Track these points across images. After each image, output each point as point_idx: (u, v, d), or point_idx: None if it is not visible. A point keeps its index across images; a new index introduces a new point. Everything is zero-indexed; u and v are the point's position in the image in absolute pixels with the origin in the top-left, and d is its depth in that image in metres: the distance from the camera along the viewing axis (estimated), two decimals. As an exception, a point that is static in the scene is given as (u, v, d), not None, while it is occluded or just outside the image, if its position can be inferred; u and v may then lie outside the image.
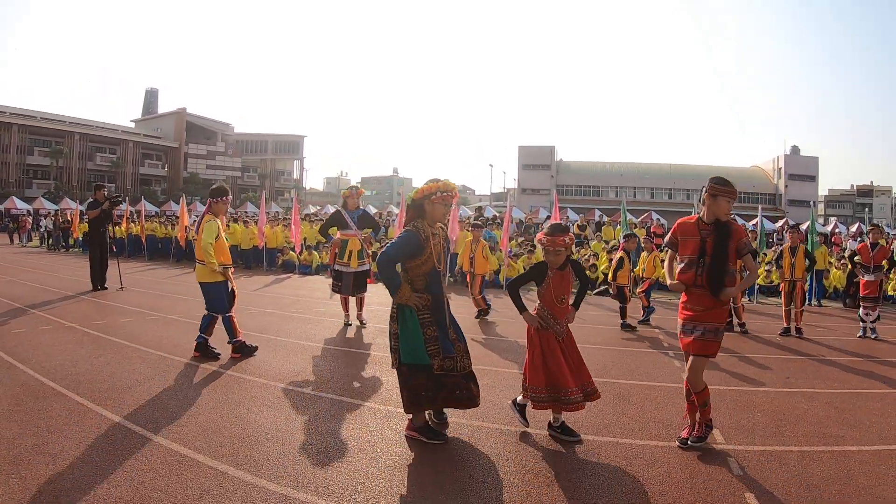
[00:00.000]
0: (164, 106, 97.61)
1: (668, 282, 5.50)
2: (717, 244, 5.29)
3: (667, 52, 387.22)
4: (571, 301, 5.76)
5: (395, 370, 5.47)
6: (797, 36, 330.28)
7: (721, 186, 5.31)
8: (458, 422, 5.80)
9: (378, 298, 12.74)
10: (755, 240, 18.99)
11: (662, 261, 17.99)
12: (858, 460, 5.29)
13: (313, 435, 5.37)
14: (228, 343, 8.12)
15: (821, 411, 6.63)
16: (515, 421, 5.87)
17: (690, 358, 5.39)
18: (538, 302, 5.66)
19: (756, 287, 18.07)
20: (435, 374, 5.27)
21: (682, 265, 5.41)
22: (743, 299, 12.19)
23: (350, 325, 10.81)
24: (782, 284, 11.91)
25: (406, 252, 5.27)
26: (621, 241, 13.21)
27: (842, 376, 8.38)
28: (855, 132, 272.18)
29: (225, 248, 8.22)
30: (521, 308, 5.62)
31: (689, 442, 5.43)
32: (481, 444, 5.37)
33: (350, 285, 10.57)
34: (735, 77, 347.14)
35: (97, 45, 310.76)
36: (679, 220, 5.59)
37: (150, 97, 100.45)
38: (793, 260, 11.71)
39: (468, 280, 12.75)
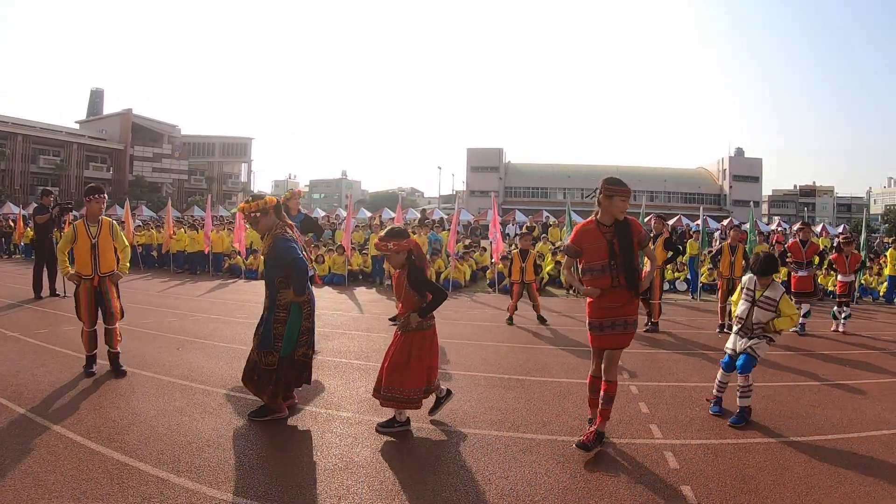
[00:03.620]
0: (109, 107, 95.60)
1: (582, 289, 5.50)
2: (624, 244, 5.42)
3: (613, 56, 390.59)
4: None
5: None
6: (741, 39, 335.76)
7: (615, 186, 5.45)
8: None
9: (322, 303, 12.73)
10: (697, 240, 19.44)
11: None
12: (794, 451, 5.52)
13: (254, 440, 5.43)
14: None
15: (757, 404, 6.81)
16: (450, 421, 6.09)
17: (608, 352, 5.50)
18: None
19: (699, 285, 18.48)
20: (290, 363, 5.98)
21: (594, 271, 5.43)
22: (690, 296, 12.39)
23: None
24: (720, 282, 12.15)
25: None
26: (518, 240, 13.42)
27: (778, 370, 8.66)
28: (798, 134, 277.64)
29: (80, 255, 7.63)
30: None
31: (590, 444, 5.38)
32: (421, 445, 5.49)
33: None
34: (680, 80, 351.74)
35: (40, 43, 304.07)
36: (577, 228, 5.59)
37: (95, 97, 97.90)
38: (732, 258, 11.97)
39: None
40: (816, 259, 12.42)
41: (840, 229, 44.17)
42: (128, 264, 7.82)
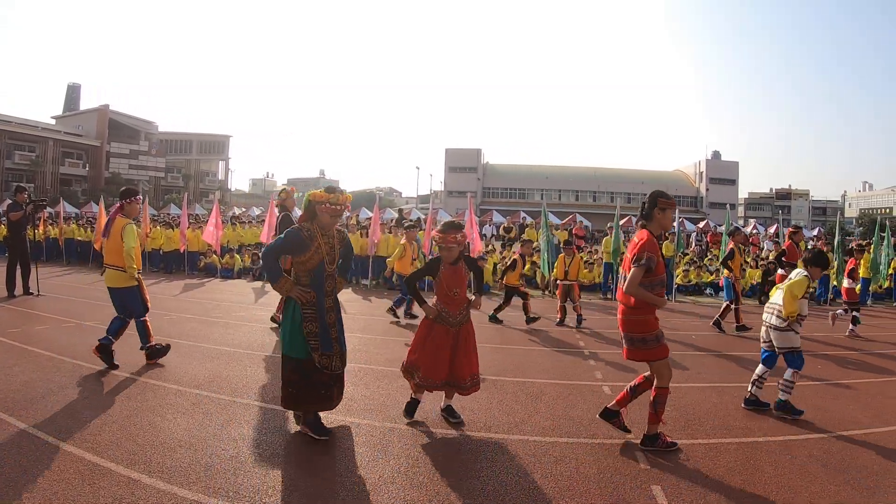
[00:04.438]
0: (86, 102, 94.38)
1: (661, 301, 5.42)
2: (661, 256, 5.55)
3: (593, 59, 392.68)
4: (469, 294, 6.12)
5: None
6: (721, 44, 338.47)
7: (670, 200, 5.55)
8: (371, 424, 5.95)
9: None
10: (673, 241, 19.59)
11: (589, 263, 18.51)
12: (765, 451, 5.61)
13: (226, 440, 5.41)
14: (141, 349, 8.02)
15: (730, 404, 6.99)
16: (422, 422, 6.09)
17: (662, 361, 5.54)
18: (434, 296, 6.01)
19: (674, 286, 18.62)
20: (305, 370, 5.46)
21: (662, 283, 5.47)
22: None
23: None
24: (737, 284, 12.22)
25: (286, 248, 5.54)
26: (518, 245, 13.51)
27: (752, 370, 8.70)
28: (775, 138, 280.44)
29: (139, 253, 8.25)
30: (421, 301, 6.04)
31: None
32: (392, 445, 5.50)
33: None
34: (659, 82, 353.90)
35: (17, 37, 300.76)
36: (649, 239, 5.43)
37: (72, 93, 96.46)
38: (742, 260, 12.09)
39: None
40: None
41: (815, 232, 44.69)
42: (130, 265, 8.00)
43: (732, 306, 12.17)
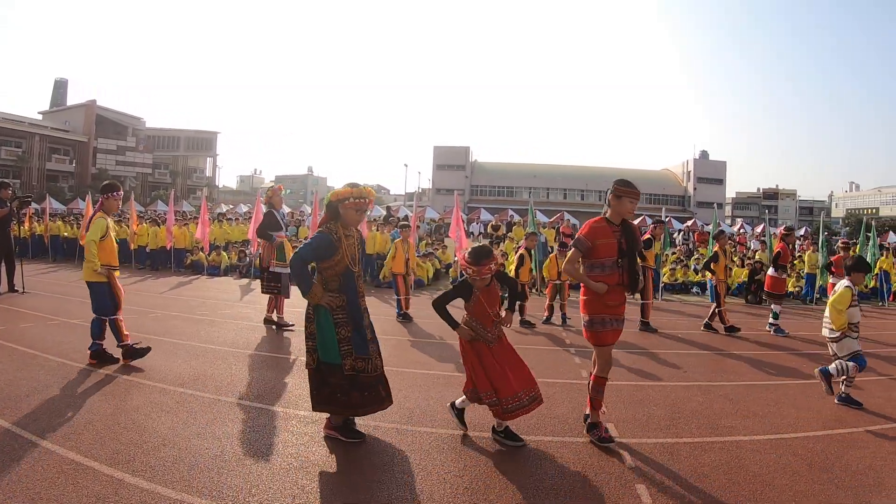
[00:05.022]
0: (73, 98, 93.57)
1: (592, 284, 5.50)
2: (630, 244, 5.60)
3: (581, 58, 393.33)
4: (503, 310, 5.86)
5: (307, 370, 5.52)
6: (709, 44, 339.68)
7: (625, 188, 5.60)
8: (358, 423, 5.86)
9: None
10: (659, 240, 19.67)
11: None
12: (750, 449, 5.61)
13: (210, 439, 5.38)
14: (117, 347, 7.97)
15: (715, 403, 6.99)
16: (407, 420, 6.07)
17: (606, 348, 5.62)
18: (466, 314, 5.72)
19: (661, 285, 18.66)
20: (347, 375, 5.33)
21: (605, 268, 5.53)
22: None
23: (291, 327, 10.80)
24: (721, 285, 12.25)
25: (318, 253, 5.31)
26: (524, 239, 13.61)
27: (739, 368, 8.80)
28: (763, 138, 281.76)
29: (112, 249, 8.07)
30: (454, 324, 5.66)
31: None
32: (377, 443, 5.48)
33: (288, 286, 10.75)
34: (647, 82, 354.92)
35: (4, 32, 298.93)
36: (590, 223, 5.66)
37: (59, 88, 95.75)
38: (727, 262, 12.17)
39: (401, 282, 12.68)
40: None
41: (802, 231, 44.86)
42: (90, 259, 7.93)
43: (716, 309, 12.20)
